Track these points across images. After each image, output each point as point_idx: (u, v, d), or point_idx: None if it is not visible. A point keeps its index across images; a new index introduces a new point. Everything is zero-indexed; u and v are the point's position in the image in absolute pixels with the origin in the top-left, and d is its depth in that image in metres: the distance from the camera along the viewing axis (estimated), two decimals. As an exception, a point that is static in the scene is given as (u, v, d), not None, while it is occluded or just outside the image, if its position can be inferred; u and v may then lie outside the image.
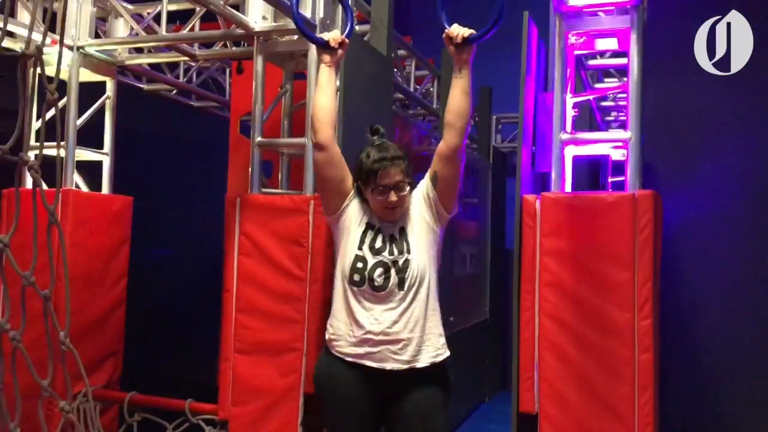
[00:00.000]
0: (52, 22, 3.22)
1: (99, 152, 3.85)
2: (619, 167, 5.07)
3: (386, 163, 2.39)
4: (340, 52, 2.51)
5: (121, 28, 3.88)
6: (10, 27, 3.24)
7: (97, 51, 3.75)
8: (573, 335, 2.81)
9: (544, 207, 2.92)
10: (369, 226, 2.45)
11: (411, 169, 2.48)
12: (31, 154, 3.13)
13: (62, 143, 3.54)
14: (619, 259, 2.78)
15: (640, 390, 2.70)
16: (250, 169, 3.38)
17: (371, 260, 2.39)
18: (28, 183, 3.42)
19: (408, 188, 2.43)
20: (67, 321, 2.47)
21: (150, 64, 4.53)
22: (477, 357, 6.14)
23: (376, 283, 2.37)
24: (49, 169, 2.47)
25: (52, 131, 2.28)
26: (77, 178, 3.72)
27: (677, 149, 3.68)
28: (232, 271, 3.25)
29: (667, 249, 3.34)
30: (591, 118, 4.86)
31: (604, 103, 5.47)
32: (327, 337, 2.53)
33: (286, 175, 3.59)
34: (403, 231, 2.44)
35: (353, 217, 2.48)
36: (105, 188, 3.85)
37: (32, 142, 3.59)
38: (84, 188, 3.78)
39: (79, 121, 3.72)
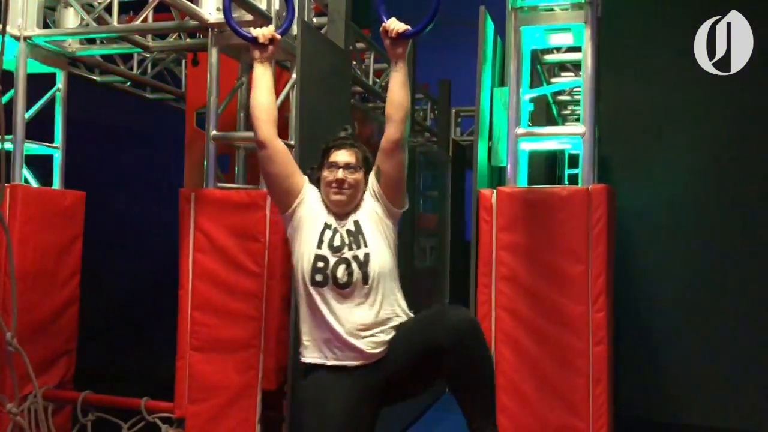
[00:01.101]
0: (-4, 11, 3.12)
1: (50, 146, 3.75)
2: (575, 160, 5.15)
3: (343, 143, 2.43)
4: (270, 48, 2.47)
5: (71, 18, 3.77)
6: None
7: (45, 42, 3.64)
8: (529, 328, 2.84)
9: (500, 201, 2.94)
10: (326, 226, 2.40)
11: (369, 165, 2.47)
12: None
13: (9, 137, 3.44)
14: (573, 253, 2.82)
15: (594, 382, 2.75)
16: (205, 163, 3.33)
17: (332, 259, 2.34)
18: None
19: (359, 175, 2.41)
20: (13, 321, 2.41)
21: (102, 56, 4.43)
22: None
23: (340, 281, 2.32)
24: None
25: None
26: (26, 173, 3.62)
27: (634, 144, 3.75)
28: (187, 267, 3.20)
29: (623, 241, 3.40)
30: (548, 112, 4.91)
31: (560, 98, 5.53)
32: (301, 350, 2.42)
33: (243, 169, 3.55)
34: (357, 225, 2.40)
35: (308, 216, 2.43)
36: (56, 183, 3.75)
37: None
38: (34, 183, 3.68)
39: (28, 114, 3.62)
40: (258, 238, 3.11)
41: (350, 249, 2.35)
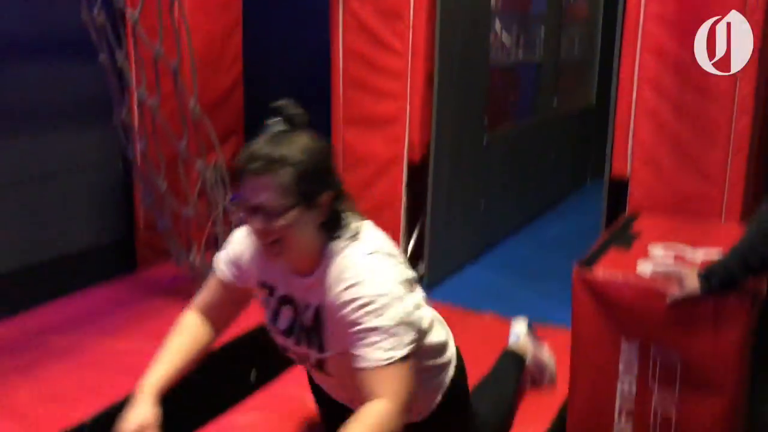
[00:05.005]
0: None
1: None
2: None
3: (253, 166, 1.43)
4: None
5: None
6: None
7: None
8: (671, 101, 2.82)
9: (651, -32, 2.81)
10: (266, 288, 1.64)
11: (316, 186, 1.46)
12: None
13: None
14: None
15: (734, 152, 2.72)
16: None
17: (280, 342, 1.66)
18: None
19: (285, 220, 1.42)
20: (194, 91, 2.75)
21: None
22: (581, 140, 6.19)
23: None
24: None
25: None
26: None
27: None
28: (338, 48, 3.41)
29: None
30: None
31: None
32: None
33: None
34: (318, 316, 1.53)
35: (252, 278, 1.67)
36: (215, -27, 3.96)
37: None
38: (194, -27, 3.91)
39: None
40: (402, 17, 3.22)
41: (297, 344, 1.60)
